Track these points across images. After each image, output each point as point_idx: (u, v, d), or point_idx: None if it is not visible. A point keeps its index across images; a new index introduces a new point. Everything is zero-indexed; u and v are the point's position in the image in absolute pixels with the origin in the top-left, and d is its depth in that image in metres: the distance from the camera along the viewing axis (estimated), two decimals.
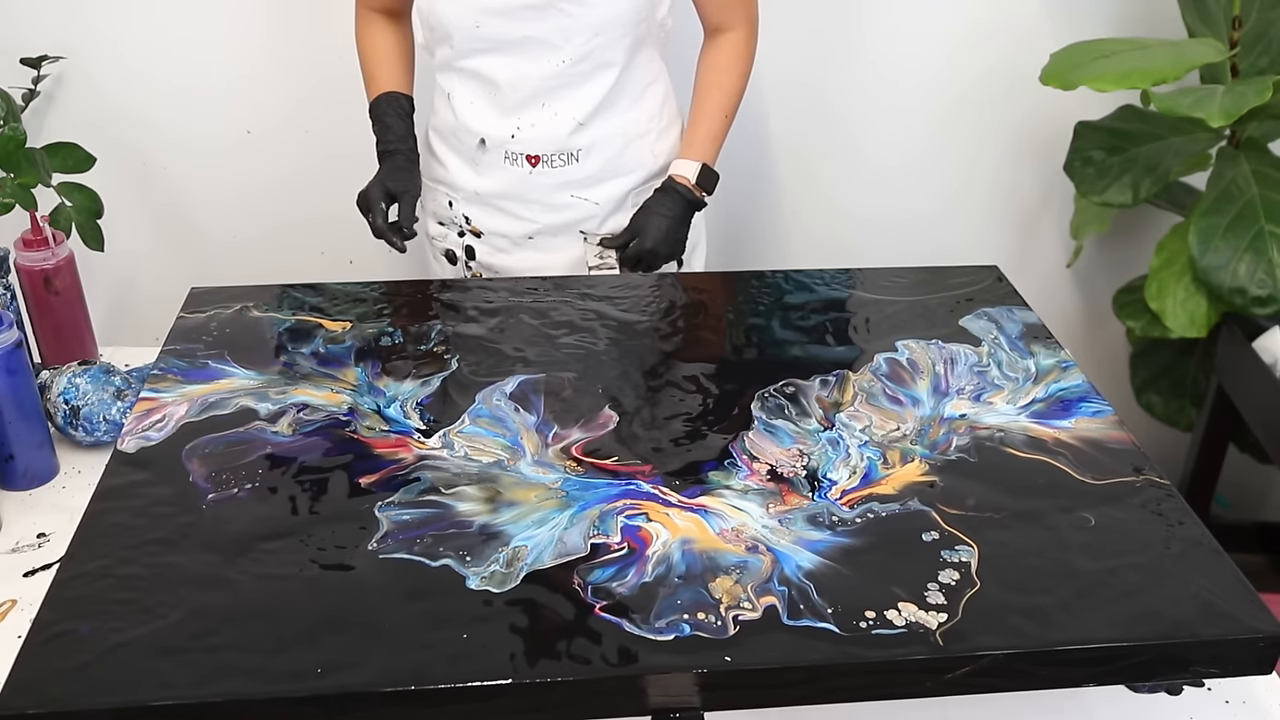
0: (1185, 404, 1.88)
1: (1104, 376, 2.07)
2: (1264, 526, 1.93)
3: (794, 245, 2.00)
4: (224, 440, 0.99)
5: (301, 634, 0.79)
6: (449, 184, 1.42)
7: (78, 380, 1.22)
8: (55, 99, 1.82)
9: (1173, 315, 1.69)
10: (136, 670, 0.76)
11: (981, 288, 1.27)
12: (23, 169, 1.47)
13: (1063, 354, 1.14)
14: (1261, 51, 1.63)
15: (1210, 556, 0.89)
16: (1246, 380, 1.61)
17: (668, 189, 1.37)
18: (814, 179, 1.94)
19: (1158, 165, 1.71)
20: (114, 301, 1.93)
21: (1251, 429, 1.63)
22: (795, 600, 0.83)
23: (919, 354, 1.14)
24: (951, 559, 0.87)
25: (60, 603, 0.82)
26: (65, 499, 1.17)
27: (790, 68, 1.82)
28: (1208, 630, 0.82)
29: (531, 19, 1.27)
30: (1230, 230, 1.61)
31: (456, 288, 1.27)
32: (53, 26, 1.76)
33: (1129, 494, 0.95)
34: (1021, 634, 0.81)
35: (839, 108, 1.88)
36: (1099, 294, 2.04)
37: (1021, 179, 1.95)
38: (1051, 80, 1.56)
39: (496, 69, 1.31)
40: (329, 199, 1.90)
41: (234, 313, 1.19)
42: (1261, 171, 1.64)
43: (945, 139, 1.90)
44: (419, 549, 0.87)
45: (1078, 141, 1.77)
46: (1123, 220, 1.96)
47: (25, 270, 1.31)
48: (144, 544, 0.87)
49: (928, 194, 1.95)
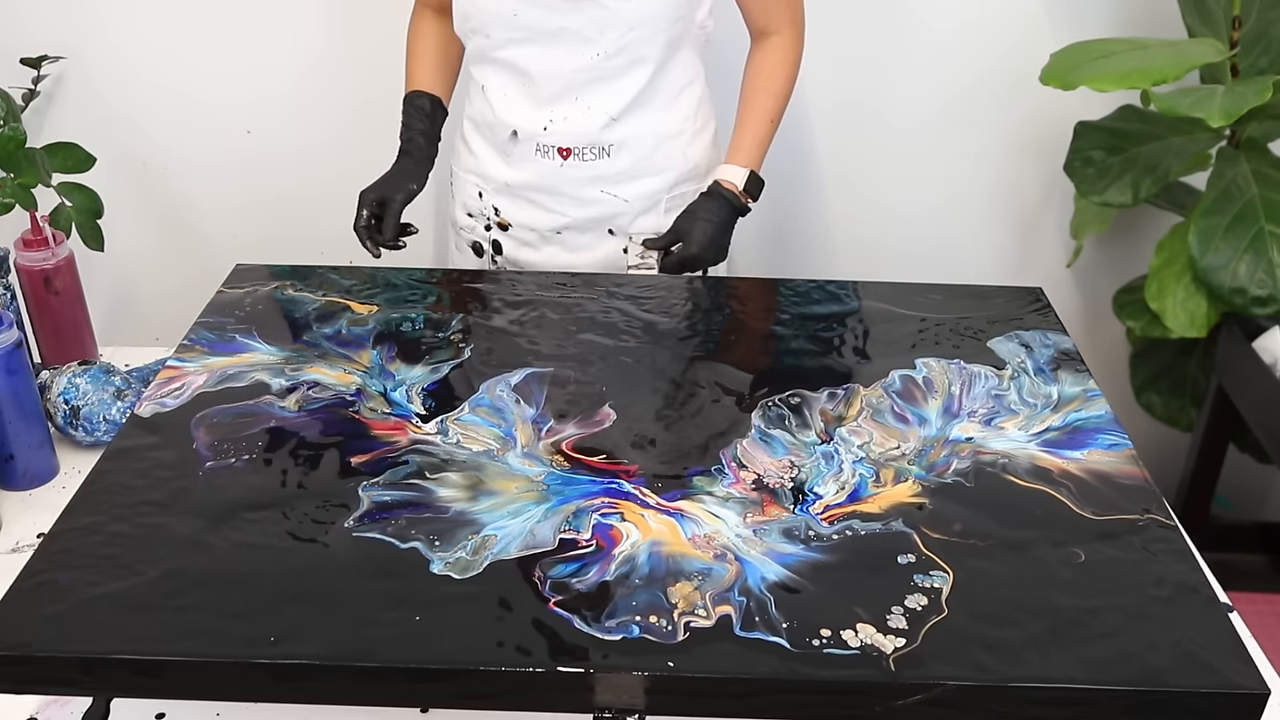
0: (1185, 404, 1.85)
1: (1104, 376, 2.02)
2: (1264, 526, 1.89)
3: (795, 246, 1.99)
4: (232, 411, 1.03)
5: (266, 602, 0.82)
6: (480, 174, 1.44)
7: (78, 380, 1.24)
8: (55, 99, 1.84)
9: (1173, 315, 1.67)
10: (105, 623, 0.80)
11: (1019, 310, 1.23)
12: (23, 169, 1.48)
13: (1090, 383, 1.10)
14: (1261, 51, 1.60)
15: (1203, 604, 0.84)
16: (1246, 380, 1.59)
17: (714, 194, 1.37)
18: (811, 180, 1.93)
19: (1158, 165, 1.69)
20: (114, 301, 1.94)
21: (1251, 429, 1.60)
22: (751, 611, 0.82)
23: (937, 373, 1.11)
24: (923, 584, 0.85)
25: (49, 554, 0.86)
26: (65, 499, 1.12)
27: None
28: (1183, 681, 0.78)
29: (567, 10, 1.28)
30: (1230, 230, 1.59)
31: (489, 278, 1.28)
32: (53, 26, 1.79)
33: (1129, 532, 0.91)
34: (981, 667, 0.78)
35: (838, 108, 1.86)
36: (1099, 294, 2.01)
37: (1021, 179, 1.92)
38: (1051, 80, 1.54)
39: (531, 60, 1.32)
40: (329, 199, 1.93)
41: (269, 290, 1.23)
42: (1261, 171, 1.61)
43: (944, 139, 1.88)
44: (392, 530, 0.89)
45: (1078, 141, 1.75)
46: (1123, 220, 1.93)
47: (25, 270, 1.32)
48: (138, 504, 0.91)
49: (927, 194, 1.93)
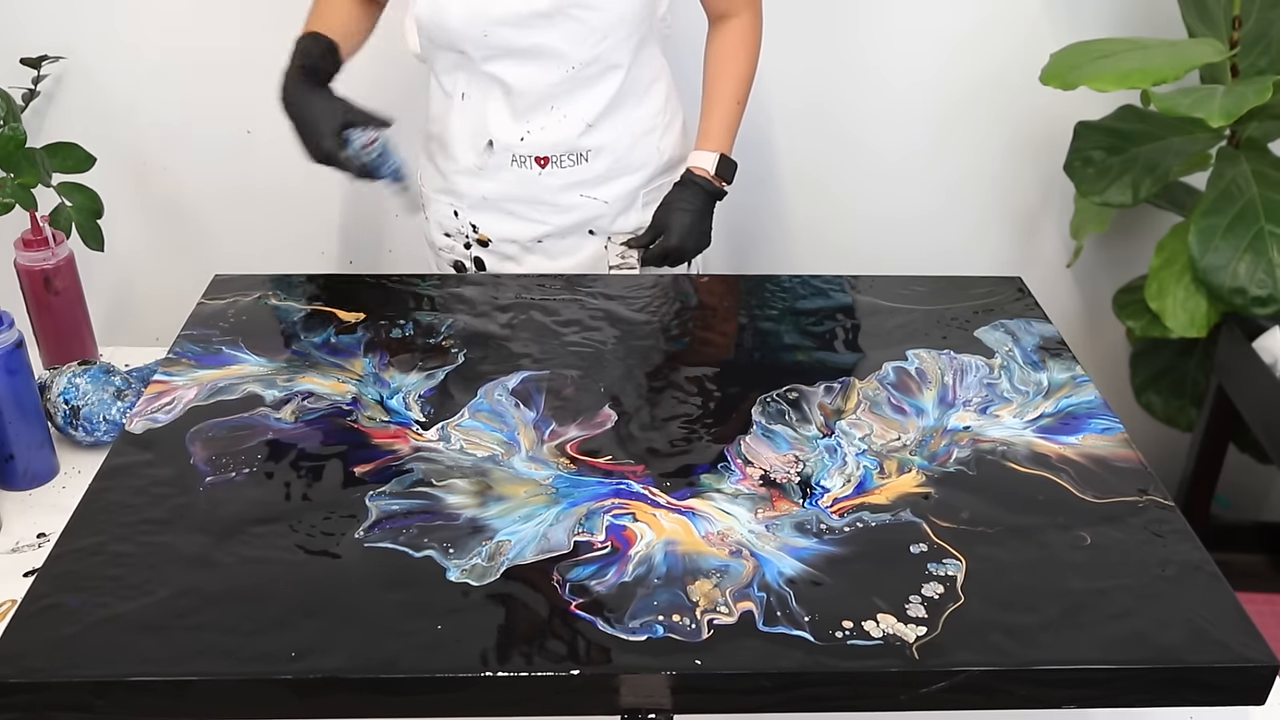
0: (1185, 404, 1.87)
1: (1104, 376, 2.06)
2: (1264, 526, 1.92)
3: (795, 247, 2.00)
4: (227, 425, 1.01)
5: (280, 617, 0.81)
6: (453, 192, 1.41)
7: (78, 380, 1.22)
8: (55, 99, 1.82)
9: (1173, 315, 1.69)
10: (118, 645, 0.78)
11: (1001, 299, 1.25)
12: (23, 169, 1.46)
13: (1077, 369, 1.12)
14: (1261, 51, 1.62)
15: (1208, 581, 0.86)
16: (1246, 380, 1.61)
17: (687, 182, 1.36)
18: (813, 180, 1.94)
19: (1158, 165, 1.71)
20: (114, 301, 1.93)
21: (1251, 429, 1.62)
22: (773, 607, 0.82)
23: (929, 364, 1.13)
24: (938, 572, 0.86)
25: (53, 576, 0.84)
26: (65, 499, 1.14)
27: (790, 69, 1.82)
28: (1196, 657, 0.79)
29: (541, 26, 1.26)
30: (1230, 230, 1.61)
31: (470, 282, 1.27)
32: (53, 26, 1.77)
33: (1130, 514, 0.93)
34: (1001, 652, 0.79)
35: (838, 108, 1.88)
36: (1099, 294, 2.04)
37: (1021, 179, 1.94)
38: (1051, 80, 1.56)
39: (505, 75, 1.30)
40: (329, 200, 1.91)
41: (252, 300, 1.21)
42: (1261, 171, 1.63)
43: (945, 139, 1.90)
44: (404, 539, 0.88)
45: (1078, 141, 1.77)
46: (1123, 220, 1.96)
47: (25, 270, 1.30)
48: (140, 522, 0.89)
49: (928, 194, 1.95)
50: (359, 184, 1.31)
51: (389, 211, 1.92)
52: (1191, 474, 1.77)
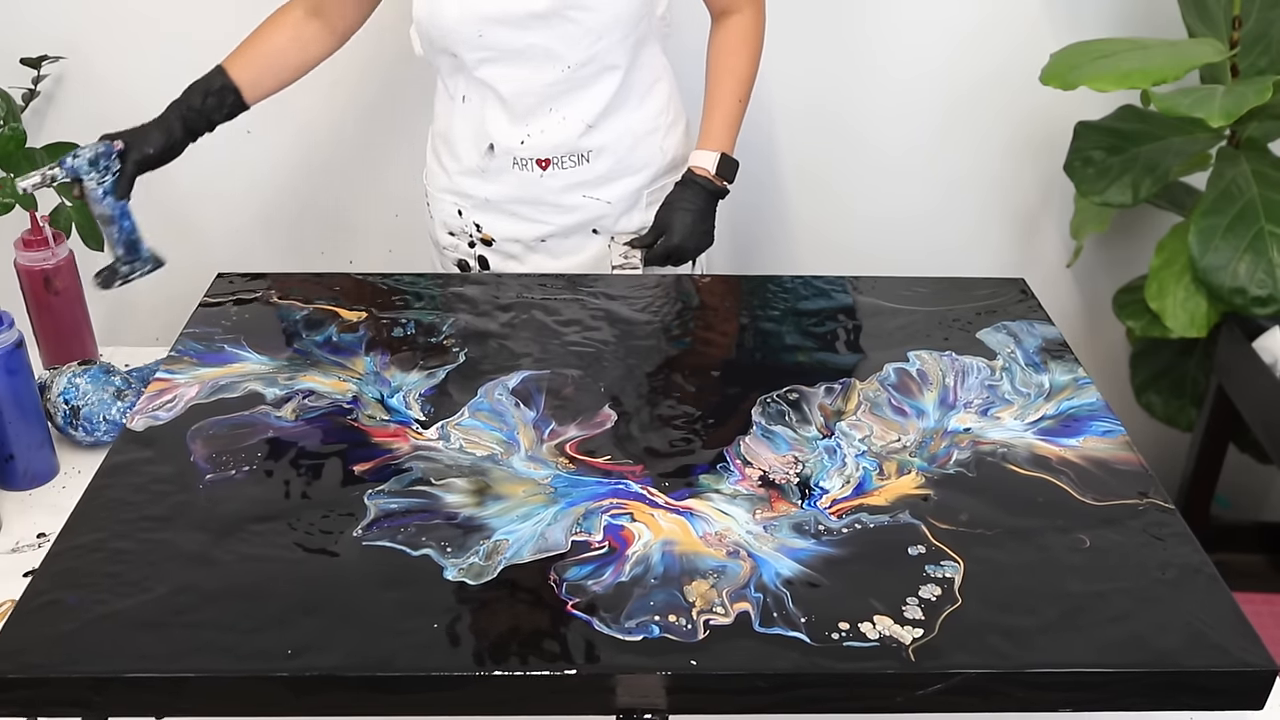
0: (1185, 404, 1.87)
1: (1104, 376, 2.05)
2: (1264, 526, 1.91)
3: (795, 247, 2.00)
4: (228, 423, 1.01)
5: (278, 615, 0.81)
6: (457, 192, 1.41)
7: (78, 380, 1.22)
8: (55, 99, 1.82)
9: (1173, 315, 1.69)
10: (116, 642, 0.78)
11: (1004, 301, 1.25)
12: (23, 169, 1.46)
13: (1079, 371, 1.12)
14: (1261, 51, 1.62)
15: (1207, 585, 0.86)
16: (1246, 380, 1.61)
17: (688, 182, 1.36)
18: (813, 180, 1.94)
19: (1158, 165, 1.70)
20: (114, 301, 1.92)
21: (1251, 429, 1.62)
22: (769, 607, 0.82)
23: (930, 365, 1.12)
24: (935, 574, 0.86)
25: (52, 573, 0.84)
26: (65, 499, 1.13)
27: (790, 69, 1.82)
28: (1194, 661, 0.79)
29: (536, 27, 1.26)
30: (1230, 230, 1.60)
31: (473, 281, 1.28)
32: (53, 26, 1.77)
33: (1130, 516, 0.92)
34: (998, 654, 0.79)
35: (838, 108, 1.87)
36: (1099, 294, 2.03)
37: (1022, 179, 1.94)
38: (1051, 80, 1.56)
39: (501, 79, 1.30)
40: (329, 200, 1.91)
41: (255, 299, 1.22)
42: (1261, 171, 1.63)
43: (945, 139, 1.90)
44: (402, 538, 0.88)
45: (1078, 141, 1.77)
46: (1123, 220, 1.95)
47: (25, 270, 1.31)
48: (139, 520, 0.90)
49: (927, 194, 1.95)
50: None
51: (389, 211, 1.92)
52: (1191, 474, 1.78)
